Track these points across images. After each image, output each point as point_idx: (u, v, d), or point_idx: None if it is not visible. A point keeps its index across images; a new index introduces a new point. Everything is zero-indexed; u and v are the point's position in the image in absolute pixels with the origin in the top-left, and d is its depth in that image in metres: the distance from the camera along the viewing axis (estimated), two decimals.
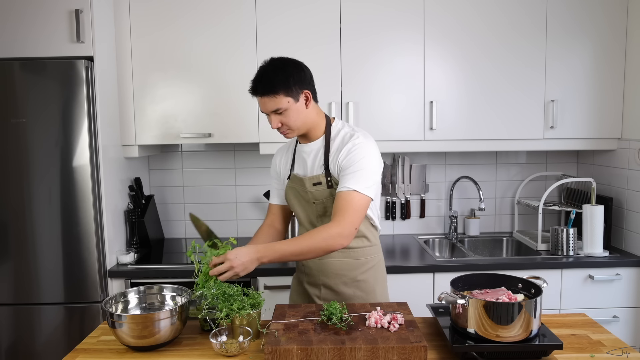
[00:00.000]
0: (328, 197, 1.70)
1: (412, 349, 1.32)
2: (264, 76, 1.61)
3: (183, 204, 2.95)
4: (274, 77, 1.59)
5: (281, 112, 1.62)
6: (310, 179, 1.71)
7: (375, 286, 1.80)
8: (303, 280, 1.84)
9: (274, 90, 1.59)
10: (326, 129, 1.73)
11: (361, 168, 1.61)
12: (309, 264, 1.79)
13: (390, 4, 2.48)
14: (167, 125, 2.52)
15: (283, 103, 1.60)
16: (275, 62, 1.64)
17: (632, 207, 2.50)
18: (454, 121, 2.55)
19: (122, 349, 1.48)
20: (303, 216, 1.79)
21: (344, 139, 1.69)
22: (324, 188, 1.69)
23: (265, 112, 1.65)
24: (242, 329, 1.46)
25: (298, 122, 1.65)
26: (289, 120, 1.64)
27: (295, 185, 1.77)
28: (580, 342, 1.50)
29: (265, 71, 1.62)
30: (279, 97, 1.60)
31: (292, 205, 1.82)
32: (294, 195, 1.78)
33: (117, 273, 2.34)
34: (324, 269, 1.76)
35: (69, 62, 2.19)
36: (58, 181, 2.22)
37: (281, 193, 1.88)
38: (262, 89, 1.60)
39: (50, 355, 2.28)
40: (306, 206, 1.76)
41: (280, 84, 1.59)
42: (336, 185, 1.67)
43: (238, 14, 2.47)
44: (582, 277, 2.38)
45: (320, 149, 1.72)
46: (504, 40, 2.51)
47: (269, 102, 1.61)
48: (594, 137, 2.59)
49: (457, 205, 2.97)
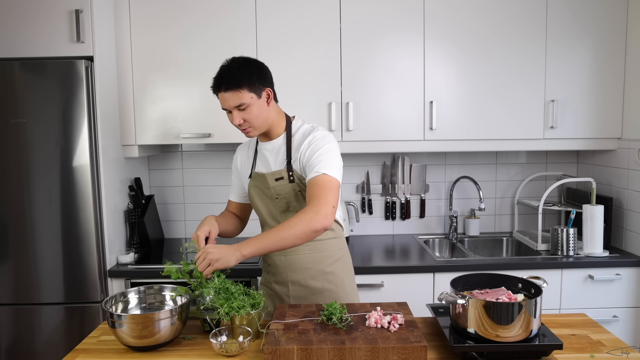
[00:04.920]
0: (290, 192, 1.73)
1: (412, 349, 1.32)
2: (228, 72, 1.63)
3: (183, 204, 2.95)
4: (238, 73, 1.62)
5: (244, 108, 1.64)
6: (272, 174, 1.74)
7: (343, 278, 1.82)
8: (270, 281, 1.85)
9: (238, 85, 1.61)
10: (287, 126, 1.76)
11: (325, 153, 1.66)
12: (275, 262, 1.81)
13: (391, 5, 2.48)
14: (167, 125, 2.52)
15: (246, 98, 1.62)
16: (238, 60, 1.67)
17: (632, 207, 2.50)
18: (454, 121, 2.55)
19: (122, 349, 1.48)
20: (266, 213, 1.81)
21: (304, 134, 1.73)
22: (286, 183, 1.72)
23: (227, 109, 1.66)
24: (242, 329, 1.46)
25: (260, 119, 1.67)
26: (251, 116, 1.65)
27: (257, 183, 1.80)
28: (580, 342, 1.49)
29: (229, 68, 1.64)
30: (242, 92, 1.62)
31: (255, 203, 1.83)
32: (257, 193, 1.81)
33: (117, 273, 2.34)
34: (290, 265, 1.78)
35: (69, 62, 2.19)
36: (58, 181, 2.22)
37: (240, 190, 1.93)
38: (226, 83, 1.61)
39: (50, 355, 2.28)
40: (269, 203, 1.79)
41: (245, 79, 1.62)
42: (298, 180, 1.71)
43: (238, 14, 2.47)
44: (582, 277, 2.38)
45: (281, 146, 1.75)
46: (503, 40, 2.52)
47: (232, 98, 1.62)
48: (594, 137, 2.59)
49: (457, 205, 2.97)
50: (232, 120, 1.67)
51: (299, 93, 2.50)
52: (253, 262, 2.38)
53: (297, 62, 2.49)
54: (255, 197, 1.82)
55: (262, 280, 1.94)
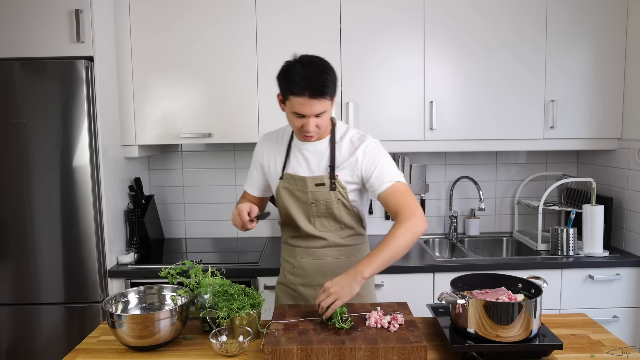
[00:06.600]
0: (330, 200, 1.68)
1: (412, 349, 1.32)
2: (318, 78, 1.52)
3: (183, 204, 2.95)
4: (328, 79, 1.54)
5: (321, 115, 1.58)
6: (313, 179, 1.68)
7: (369, 282, 1.83)
8: (295, 283, 1.81)
9: (328, 93, 1.54)
10: (331, 129, 1.72)
11: (386, 163, 1.66)
12: (302, 264, 1.78)
13: (391, 4, 2.48)
14: (167, 125, 2.52)
15: (327, 106, 1.57)
16: (322, 62, 1.58)
17: (632, 207, 2.50)
18: (454, 121, 2.55)
19: (122, 349, 1.48)
20: (299, 216, 1.74)
21: (353, 141, 1.69)
22: (327, 190, 1.67)
23: (306, 114, 1.56)
24: (242, 329, 1.46)
25: (326, 123, 1.63)
26: (324, 122, 1.60)
27: (289, 185, 1.72)
28: (580, 342, 1.50)
29: (320, 72, 1.53)
30: (328, 100, 1.56)
31: (284, 206, 1.75)
32: (289, 196, 1.73)
33: (117, 273, 2.34)
34: (320, 268, 1.76)
35: (69, 62, 2.19)
36: (58, 181, 2.22)
37: (260, 185, 1.86)
38: (318, 91, 1.52)
39: (50, 355, 2.28)
40: (302, 206, 1.73)
41: (332, 86, 1.56)
42: (341, 188, 1.67)
43: (238, 13, 2.47)
44: (582, 277, 2.38)
45: (325, 149, 1.69)
46: (504, 40, 2.52)
47: (318, 105, 1.54)
48: (593, 137, 2.59)
49: (457, 205, 2.97)
50: (300, 124, 1.59)
51: None
52: (253, 262, 2.39)
53: None
54: (287, 200, 1.74)
55: (282, 279, 1.87)
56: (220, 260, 2.56)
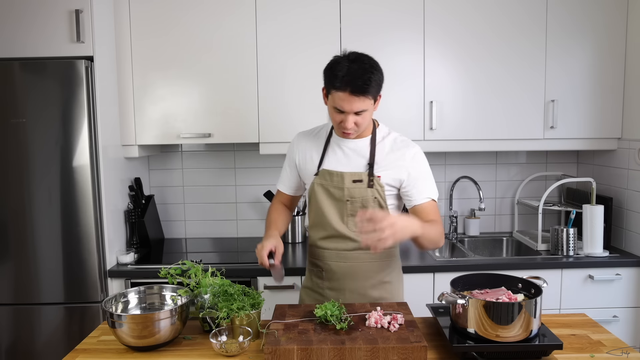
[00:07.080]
0: (366, 197, 1.66)
1: (412, 349, 1.32)
2: (363, 75, 1.51)
3: (183, 204, 2.95)
4: (372, 78, 1.53)
5: (361, 113, 1.57)
6: (351, 175, 1.66)
7: (398, 287, 1.83)
8: (323, 287, 1.78)
9: (370, 92, 1.53)
10: (373, 129, 1.72)
11: (430, 176, 1.71)
12: (332, 268, 1.75)
13: (391, 5, 2.48)
14: (167, 125, 2.52)
15: (368, 105, 1.56)
16: (370, 60, 1.57)
17: (632, 207, 2.50)
18: (454, 121, 2.55)
19: (122, 349, 1.48)
20: (332, 215, 1.70)
21: (396, 142, 1.70)
22: (364, 187, 1.66)
23: (345, 110, 1.56)
24: (242, 329, 1.46)
25: (366, 122, 1.62)
26: (364, 121, 1.60)
27: (324, 182, 1.70)
28: (580, 342, 1.50)
29: (365, 70, 1.52)
30: (369, 99, 1.55)
31: (317, 204, 1.71)
32: (324, 193, 1.70)
33: (117, 273, 2.34)
34: (350, 272, 1.73)
35: (69, 62, 2.19)
36: (58, 181, 2.22)
37: (293, 183, 1.84)
38: (360, 88, 1.51)
39: (50, 355, 2.28)
40: (335, 204, 1.69)
41: (376, 86, 1.55)
42: (379, 186, 1.66)
43: (238, 13, 2.47)
44: (582, 277, 2.38)
45: (365, 147, 1.69)
46: (504, 40, 2.51)
47: (358, 102, 1.53)
48: (593, 137, 2.59)
49: (457, 205, 2.97)
50: (339, 120, 1.58)
51: (299, 93, 2.50)
52: (253, 262, 2.38)
53: (297, 63, 2.49)
54: (320, 197, 1.71)
55: (308, 283, 1.85)
56: (220, 260, 2.56)
